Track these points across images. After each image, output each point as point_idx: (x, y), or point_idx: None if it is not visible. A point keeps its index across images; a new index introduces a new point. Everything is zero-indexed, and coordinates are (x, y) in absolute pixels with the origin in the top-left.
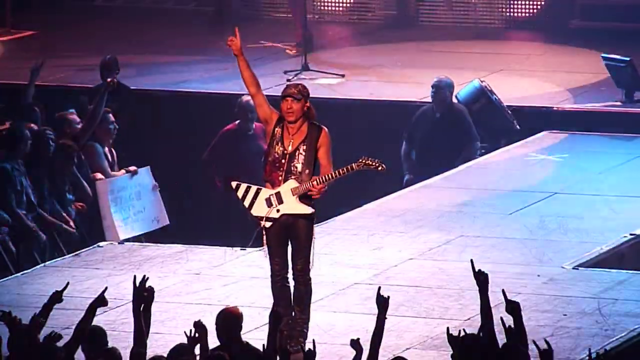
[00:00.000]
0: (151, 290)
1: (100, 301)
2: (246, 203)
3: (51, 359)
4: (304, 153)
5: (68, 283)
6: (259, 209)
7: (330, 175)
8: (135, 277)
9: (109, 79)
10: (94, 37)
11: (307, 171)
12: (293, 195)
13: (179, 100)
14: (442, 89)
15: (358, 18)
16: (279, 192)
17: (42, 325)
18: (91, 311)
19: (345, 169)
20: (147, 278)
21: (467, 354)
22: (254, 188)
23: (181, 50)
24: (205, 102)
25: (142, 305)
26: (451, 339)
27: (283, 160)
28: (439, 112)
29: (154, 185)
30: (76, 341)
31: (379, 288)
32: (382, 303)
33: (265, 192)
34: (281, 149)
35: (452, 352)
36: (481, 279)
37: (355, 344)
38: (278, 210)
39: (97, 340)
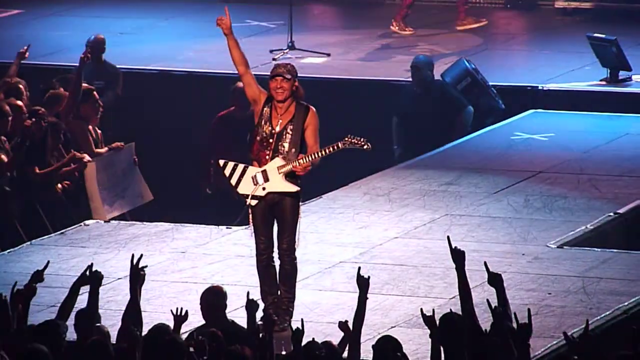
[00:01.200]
0: (143, 272)
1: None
2: (233, 181)
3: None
4: (291, 133)
5: (48, 262)
6: (245, 187)
7: (316, 154)
8: (133, 255)
9: (82, 55)
10: (81, 15)
11: (293, 150)
12: (279, 173)
13: (165, 78)
14: (420, 69)
15: None
16: (265, 170)
17: (33, 291)
18: (75, 290)
19: (331, 148)
20: (142, 255)
21: (447, 331)
22: (240, 166)
23: (169, 28)
24: (191, 81)
25: (137, 284)
26: (426, 319)
27: (271, 140)
28: (420, 89)
29: (134, 160)
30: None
31: (359, 268)
32: (363, 283)
33: (252, 170)
34: (269, 128)
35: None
36: (457, 256)
37: (344, 325)
38: (264, 188)
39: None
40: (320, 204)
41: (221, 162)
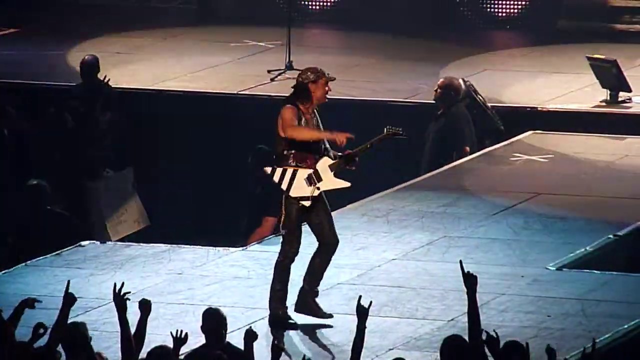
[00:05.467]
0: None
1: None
2: (284, 186)
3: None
4: None
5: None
6: (300, 190)
7: (364, 146)
8: (115, 284)
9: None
10: (78, 35)
11: (329, 147)
12: (331, 171)
13: (162, 99)
14: (441, 89)
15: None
16: (316, 170)
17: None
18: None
19: (376, 140)
20: (123, 284)
21: (453, 356)
22: (290, 170)
23: (164, 48)
24: (187, 102)
25: (124, 311)
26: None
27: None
28: (439, 110)
29: (133, 185)
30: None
31: (360, 297)
32: (362, 312)
33: (303, 172)
34: None
35: (436, 353)
36: (470, 281)
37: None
38: (318, 188)
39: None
40: None
41: (267, 169)
